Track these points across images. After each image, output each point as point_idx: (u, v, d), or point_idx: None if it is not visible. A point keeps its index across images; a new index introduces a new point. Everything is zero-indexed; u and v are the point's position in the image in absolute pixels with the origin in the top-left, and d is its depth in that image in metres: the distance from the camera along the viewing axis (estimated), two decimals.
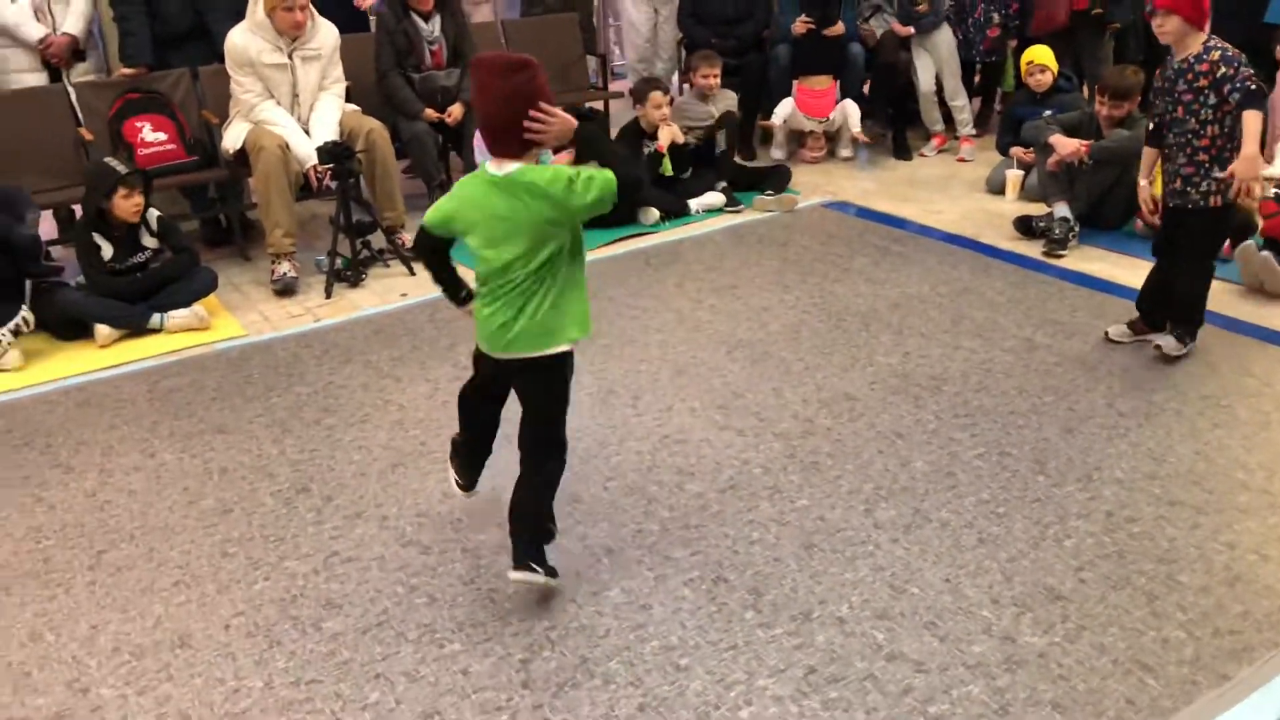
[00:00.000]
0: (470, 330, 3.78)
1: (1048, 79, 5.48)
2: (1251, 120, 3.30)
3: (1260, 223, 4.34)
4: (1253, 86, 3.31)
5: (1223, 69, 3.34)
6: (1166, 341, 3.64)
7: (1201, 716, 2.14)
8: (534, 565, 2.49)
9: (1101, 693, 2.22)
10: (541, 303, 2.43)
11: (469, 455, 2.82)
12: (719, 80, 5.86)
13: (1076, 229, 4.77)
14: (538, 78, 2.32)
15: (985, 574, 2.60)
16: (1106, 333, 3.84)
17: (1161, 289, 3.71)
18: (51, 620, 2.57)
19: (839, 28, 6.08)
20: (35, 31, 4.96)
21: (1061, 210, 4.78)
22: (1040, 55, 5.49)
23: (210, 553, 2.81)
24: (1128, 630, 2.39)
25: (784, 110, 6.22)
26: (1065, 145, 4.74)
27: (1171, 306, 3.69)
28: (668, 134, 5.41)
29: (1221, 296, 4.18)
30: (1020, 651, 2.34)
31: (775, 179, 5.73)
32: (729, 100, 5.92)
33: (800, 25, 6.08)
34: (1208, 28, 3.47)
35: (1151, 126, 3.65)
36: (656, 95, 5.41)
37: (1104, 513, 2.83)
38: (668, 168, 5.47)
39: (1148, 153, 3.72)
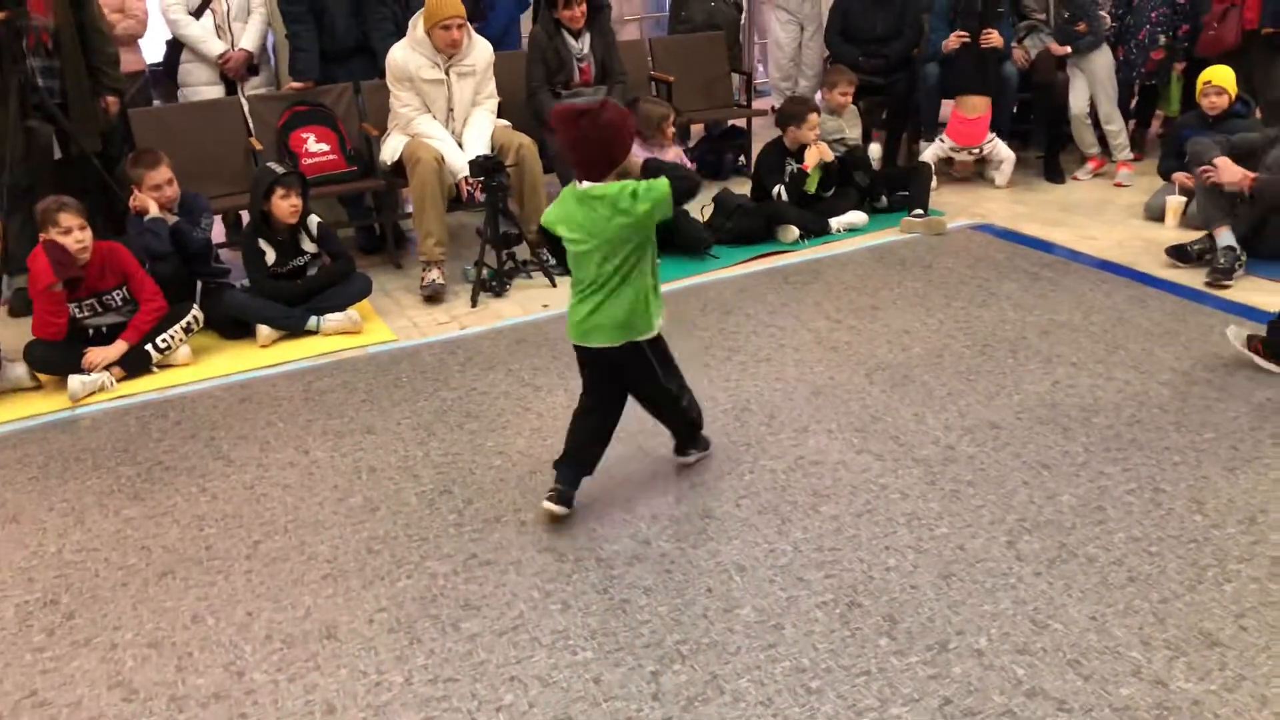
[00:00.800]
0: None
1: (1224, 102, 5.20)
2: None
3: None
4: None
5: None
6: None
7: None
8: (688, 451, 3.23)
9: None
10: (618, 299, 2.83)
11: (575, 451, 3.04)
12: (851, 98, 5.81)
13: (1244, 258, 4.52)
14: (602, 117, 2.71)
15: (1135, 614, 2.49)
16: (1226, 332, 3.76)
17: None
18: (212, 605, 2.72)
19: (995, 37, 5.89)
20: (216, 47, 5.30)
21: (1226, 238, 4.53)
22: (1220, 76, 5.21)
23: (357, 549, 2.93)
24: None
25: (934, 150, 6.07)
26: (1228, 172, 4.50)
27: None
28: (815, 153, 5.37)
29: None
30: (1172, 698, 2.23)
31: (918, 181, 5.64)
32: (856, 119, 5.85)
33: (954, 39, 5.93)
34: None
35: None
36: (814, 117, 5.38)
37: (1269, 558, 2.67)
38: (813, 185, 5.43)
39: None
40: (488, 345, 4.27)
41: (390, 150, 5.01)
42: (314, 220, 4.50)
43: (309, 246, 4.50)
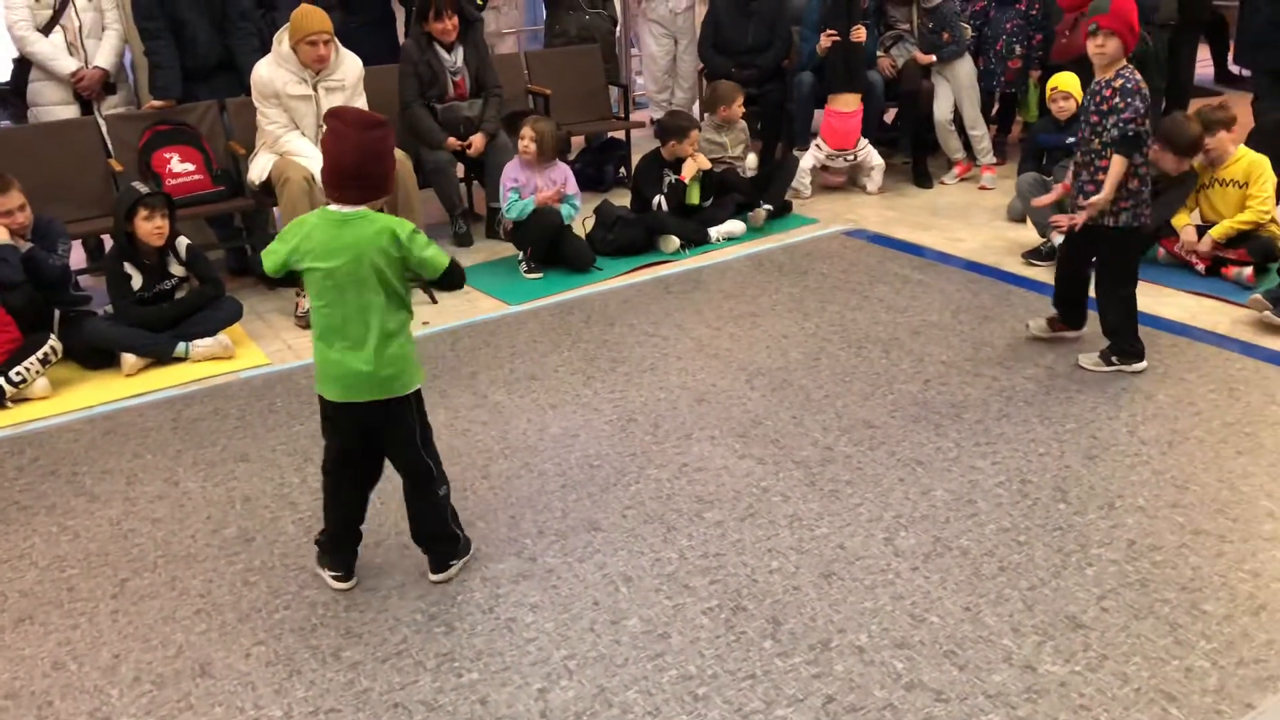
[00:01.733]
0: (491, 360, 3.81)
1: (1071, 106, 5.45)
2: (1117, 165, 3.50)
3: None
4: (1130, 131, 3.47)
5: (1116, 100, 3.49)
6: (1088, 358, 3.83)
7: None
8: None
9: None
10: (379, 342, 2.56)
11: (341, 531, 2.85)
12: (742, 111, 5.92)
13: None
14: (389, 138, 2.54)
15: (1006, 602, 2.58)
16: (1027, 325, 4.09)
17: (1071, 289, 3.92)
18: (74, 649, 2.59)
19: (861, 31, 6.03)
20: (68, 65, 5.06)
21: (1058, 239, 4.76)
22: (1065, 83, 5.48)
23: (232, 581, 2.83)
24: (1151, 659, 2.36)
25: (807, 164, 6.21)
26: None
27: (1103, 330, 3.82)
28: (693, 165, 5.44)
29: (1245, 325, 4.16)
30: (1041, 681, 2.32)
31: (782, 173, 5.80)
32: (744, 134, 5.96)
33: (825, 39, 6.05)
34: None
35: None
36: (695, 134, 5.46)
37: (1126, 541, 2.80)
38: (694, 196, 5.49)
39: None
40: None
41: (259, 169, 4.87)
42: (183, 242, 4.34)
43: (177, 270, 4.34)
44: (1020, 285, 4.70)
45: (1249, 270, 4.50)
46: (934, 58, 6.22)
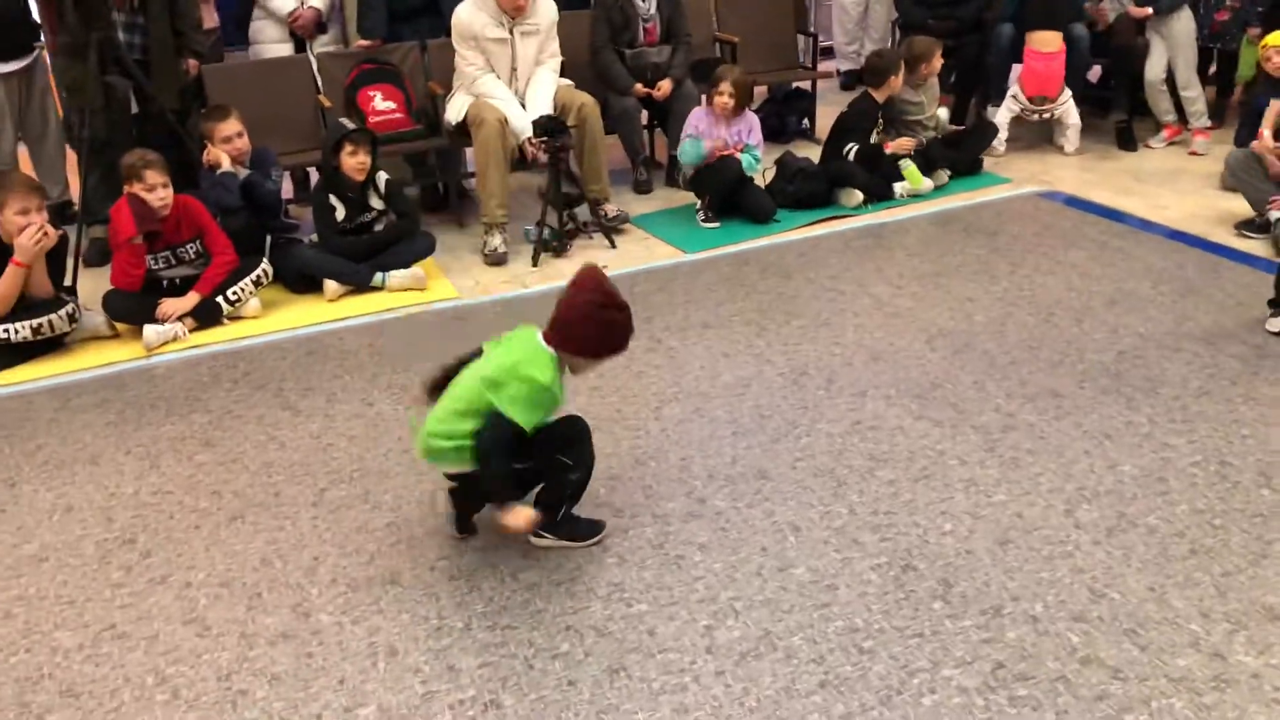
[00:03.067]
0: (666, 306, 3.86)
1: None
2: None
3: None
4: None
5: None
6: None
7: None
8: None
9: None
10: None
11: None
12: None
13: None
14: (620, 322, 2.61)
15: (1195, 586, 2.47)
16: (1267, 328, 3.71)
17: None
18: (280, 548, 2.82)
19: None
20: (286, 5, 5.37)
21: (1276, 214, 4.42)
22: (1277, 37, 5.05)
23: (420, 499, 3.00)
24: None
25: (1003, 117, 5.95)
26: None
27: None
28: (901, 143, 5.37)
29: None
30: (1231, 670, 2.21)
31: (976, 137, 5.60)
32: (937, 93, 5.75)
33: None
34: None
35: None
36: (896, 80, 5.38)
37: None
38: (916, 179, 5.34)
39: None
40: (550, 304, 4.27)
41: (455, 110, 5.04)
42: (382, 177, 4.56)
43: (376, 203, 4.57)
44: (1230, 258, 4.40)
45: None
46: (1149, 11, 5.82)
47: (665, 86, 5.51)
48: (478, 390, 2.54)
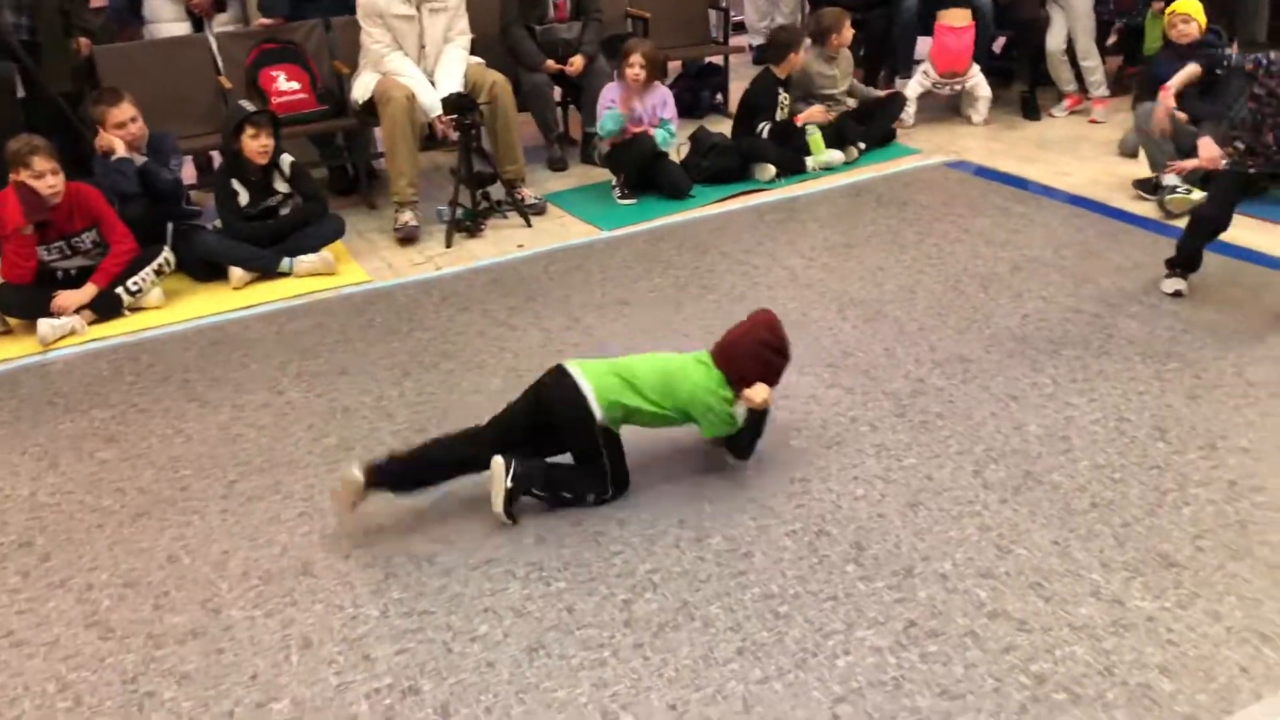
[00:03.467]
0: (583, 284, 3.85)
1: (1193, 30, 5.15)
2: None
3: None
4: None
5: None
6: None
7: None
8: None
9: (1213, 660, 2.16)
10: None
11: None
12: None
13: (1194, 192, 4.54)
14: (777, 363, 2.86)
15: (1097, 538, 2.55)
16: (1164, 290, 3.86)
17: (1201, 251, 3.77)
18: (188, 544, 2.74)
19: None
20: None
21: (1171, 179, 4.56)
22: (1185, 4, 5.19)
23: (333, 487, 2.94)
24: (1246, 600, 2.32)
25: (913, 91, 6.04)
26: (1207, 153, 4.50)
27: None
28: (818, 113, 5.39)
29: None
30: (1129, 615, 2.29)
31: (886, 109, 5.69)
32: (849, 61, 5.80)
33: None
34: None
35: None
36: (796, 57, 5.41)
37: (1227, 482, 2.73)
38: (819, 147, 5.37)
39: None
40: (463, 285, 4.27)
41: (362, 88, 4.94)
42: (287, 160, 4.45)
43: (282, 187, 4.46)
44: (1128, 222, 4.53)
45: None
46: None
47: (577, 62, 5.47)
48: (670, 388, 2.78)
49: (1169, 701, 2.07)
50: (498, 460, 2.71)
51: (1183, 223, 4.41)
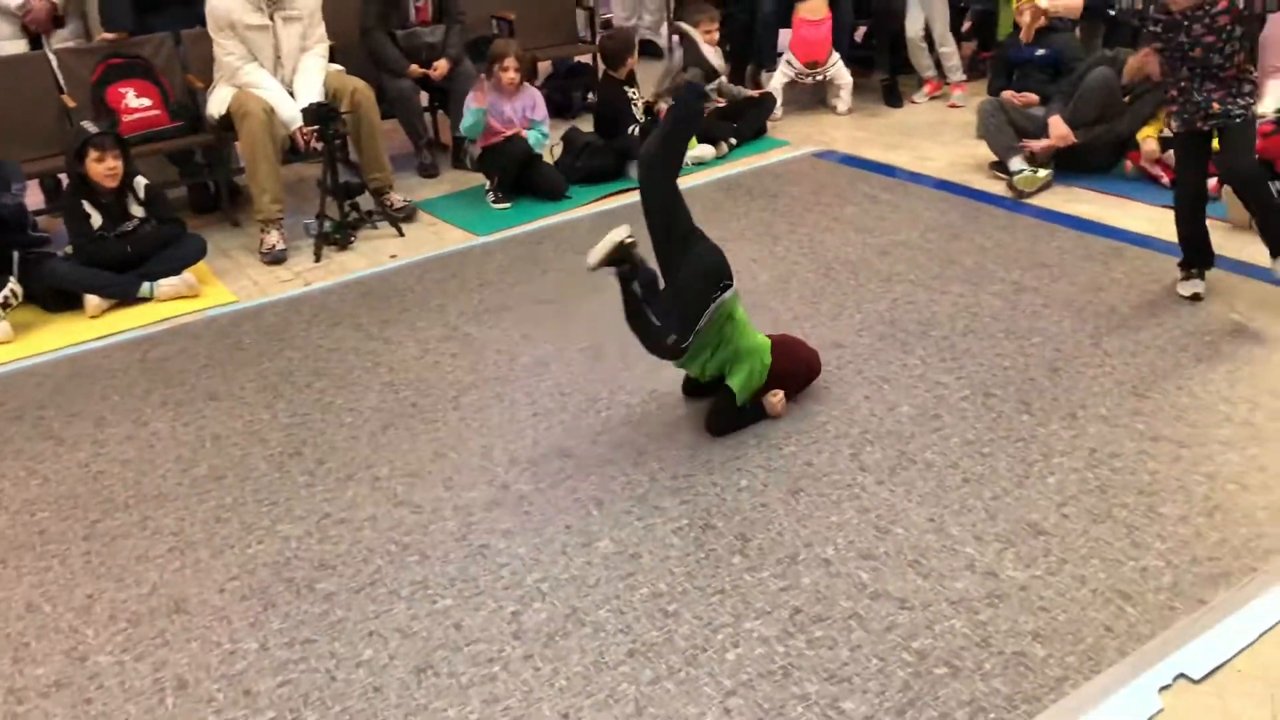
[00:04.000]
0: (460, 292, 3.80)
1: (1038, 19, 5.38)
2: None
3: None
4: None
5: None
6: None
7: (1178, 640, 2.17)
8: None
9: (1081, 622, 2.25)
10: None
11: None
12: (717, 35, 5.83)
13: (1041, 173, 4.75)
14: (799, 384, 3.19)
15: (969, 512, 2.63)
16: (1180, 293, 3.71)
17: (1200, 231, 3.66)
18: (48, 591, 2.60)
19: None
20: None
21: (1017, 165, 4.76)
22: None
23: (204, 519, 2.84)
24: (1108, 561, 2.42)
25: (777, 82, 6.14)
26: (1057, 131, 4.70)
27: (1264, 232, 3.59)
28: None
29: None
30: (1002, 586, 2.37)
31: (758, 109, 5.75)
32: (720, 58, 5.87)
33: None
34: None
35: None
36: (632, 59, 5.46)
37: (1087, 449, 2.85)
38: (692, 143, 5.40)
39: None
40: (334, 300, 4.16)
41: (218, 102, 4.77)
42: (141, 182, 4.26)
43: (137, 210, 4.27)
44: (988, 202, 4.69)
45: (1214, 181, 4.49)
46: None
47: (441, 66, 5.39)
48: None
49: (1041, 666, 2.14)
50: (624, 228, 3.09)
51: (1039, 200, 4.62)
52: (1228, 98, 3.48)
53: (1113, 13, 4.28)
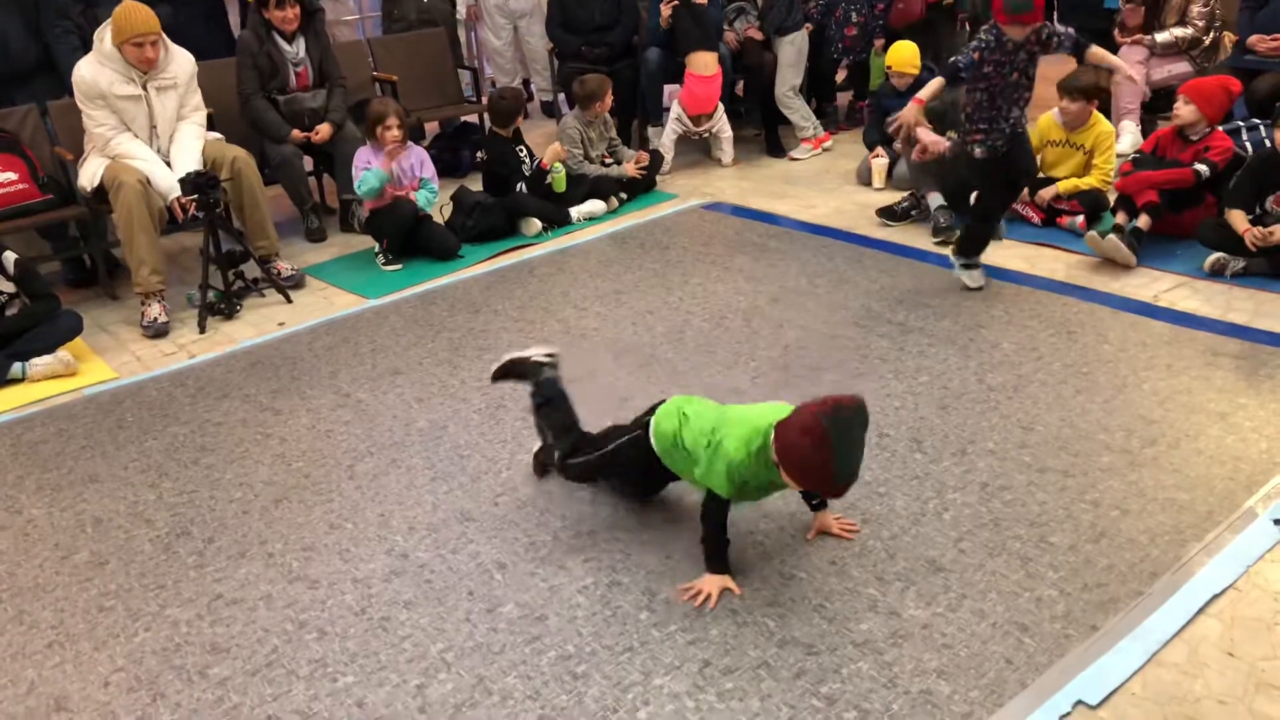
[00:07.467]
0: (352, 357, 3.74)
1: (908, 79, 5.64)
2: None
3: (1110, 201, 4.61)
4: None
5: (1046, 31, 3.85)
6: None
7: (1074, 668, 2.23)
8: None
9: (982, 656, 2.30)
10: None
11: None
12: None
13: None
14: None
15: (870, 553, 2.67)
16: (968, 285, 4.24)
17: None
18: None
19: None
20: None
21: (936, 200, 4.92)
22: (899, 62, 5.66)
23: (86, 608, 2.70)
24: (1005, 594, 2.48)
25: (669, 139, 6.25)
26: (928, 137, 4.87)
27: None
28: (554, 152, 5.45)
29: (1078, 270, 4.38)
30: (905, 625, 2.41)
31: (646, 171, 5.87)
32: (610, 127, 5.96)
33: (665, 7, 6.06)
34: None
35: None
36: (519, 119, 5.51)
37: (979, 484, 2.93)
38: (561, 184, 5.46)
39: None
40: (220, 372, 4.04)
41: (89, 174, 4.62)
42: (10, 257, 4.09)
43: (6, 287, 4.09)
44: (872, 247, 4.84)
45: (1081, 219, 4.74)
46: (760, 35, 6.31)
47: (324, 130, 5.34)
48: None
49: (947, 703, 2.18)
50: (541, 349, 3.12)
51: (918, 243, 4.78)
52: (1020, 117, 4.01)
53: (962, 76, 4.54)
